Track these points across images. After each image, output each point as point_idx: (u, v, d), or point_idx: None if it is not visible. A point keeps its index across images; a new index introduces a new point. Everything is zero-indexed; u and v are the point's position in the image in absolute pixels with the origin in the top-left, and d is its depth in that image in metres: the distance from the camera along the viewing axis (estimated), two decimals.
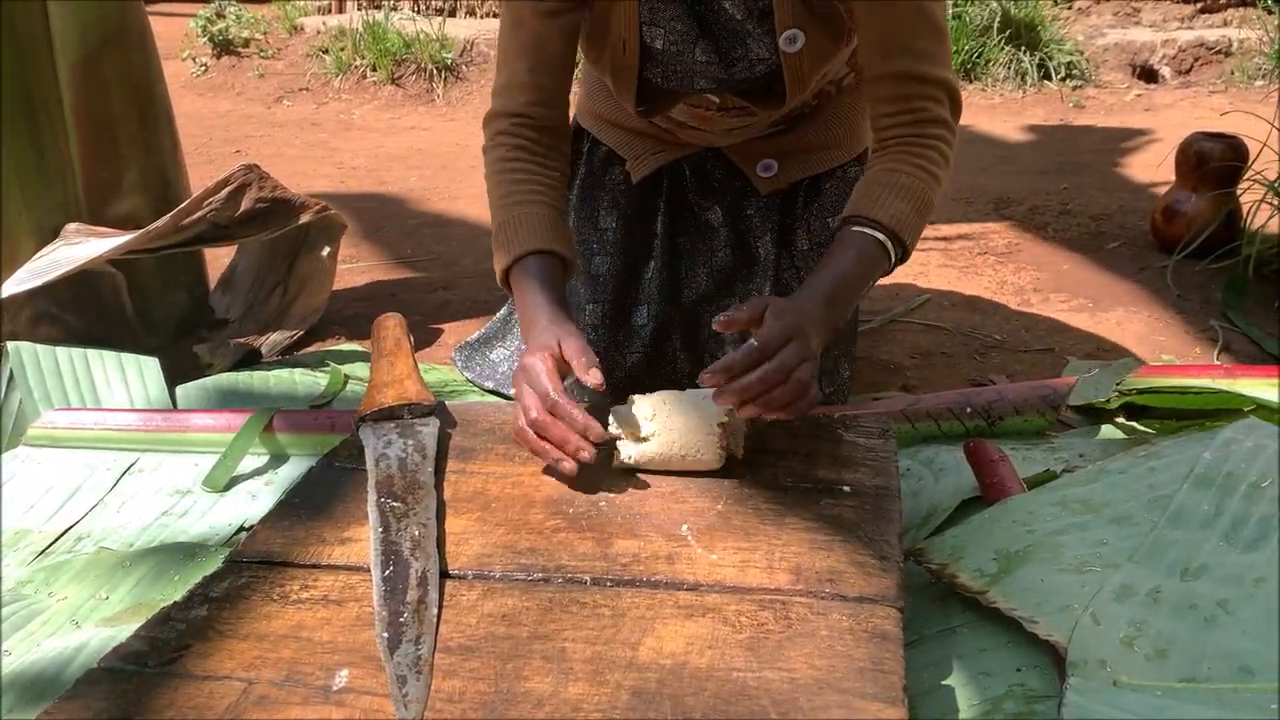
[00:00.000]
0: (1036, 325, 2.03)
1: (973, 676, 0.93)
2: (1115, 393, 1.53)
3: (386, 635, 0.84)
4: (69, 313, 1.79)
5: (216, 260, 2.18)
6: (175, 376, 1.64)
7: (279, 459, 1.43)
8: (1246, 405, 1.31)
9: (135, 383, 1.59)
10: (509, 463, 1.13)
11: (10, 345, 1.59)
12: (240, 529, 1.28)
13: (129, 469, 1.42)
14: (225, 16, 5.23)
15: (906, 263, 1.24)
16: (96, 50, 1.78)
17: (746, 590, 0.90)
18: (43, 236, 1.75)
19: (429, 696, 0.78)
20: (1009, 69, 4.60)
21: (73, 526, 1.30)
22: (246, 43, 5.21)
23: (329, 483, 1.12)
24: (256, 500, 1.34)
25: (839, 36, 1.27)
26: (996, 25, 4.59)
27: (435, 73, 4.73)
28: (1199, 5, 5.24)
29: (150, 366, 1.61)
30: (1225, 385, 1.45)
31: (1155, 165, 3.08)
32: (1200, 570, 0.97)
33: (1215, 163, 2.32)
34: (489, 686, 0.79)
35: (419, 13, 5.31)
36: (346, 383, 1.69)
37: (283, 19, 5.34)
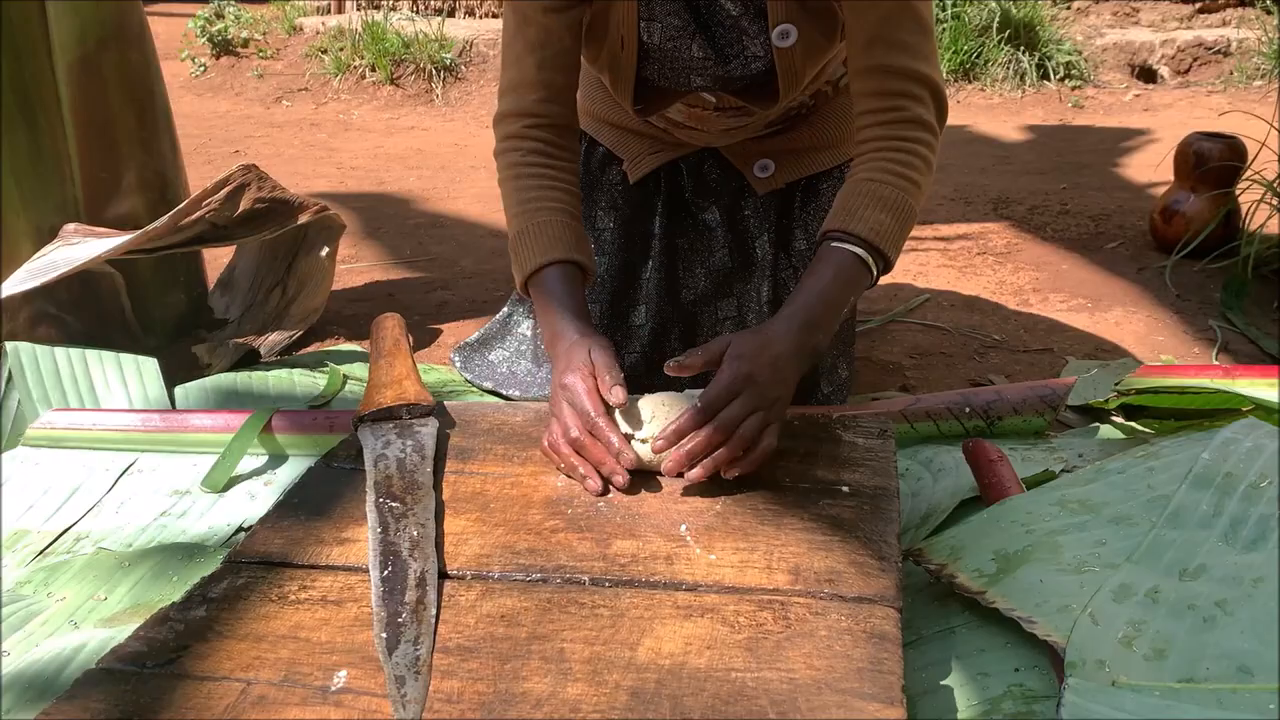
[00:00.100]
0: (1035, 325, 2.03)
1: (971, 677, 0.93)
2: (1114, 393, 1.53)
3: (385, 636, 0.84)
4: (68, 313, 1.79)
5: (215, 260, 2.18)
6: (174, 377, 1.64)
7: (278, 459, 1.43)
8: (1245, 405, 1.31)
9: (134, 383, 1.59)
10: (508, 463, 1.13)
11: (9, 346, 1.59)
12: (239, 529, 1.28)
13: (128, 469, 1.42)
14: (224, 17, 5.23)
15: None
16: (95, 50, 1.77)
17: (745, 590, 0.90)
18: (41, 237, 1.75)
19: (427, 697, 0.78)
20: (1008, 69, 4.60)
21: (71, 527, 1.30)
22: (245, 43, 5.21)
23: (328, 483, 1.12)
24: (255, 501, 1.34)
25: (832, 33, 1.27)
26: (995, 25, 4.59)
27: (434, 73, 4.73)
28: (1198, 5, 5.24)
29: (149, 367, 1.61)
30: (1224, 385, 1.45)
31: (1154, 165, 3.08)
32: (1199, 570, 0.97)
33: (1214, 163, 2.32)
34: (487, 687, 0.79)
35: (418, 13, 5.31)
36: (345, 383, 1.69)
37: (282, 19, 5.34)
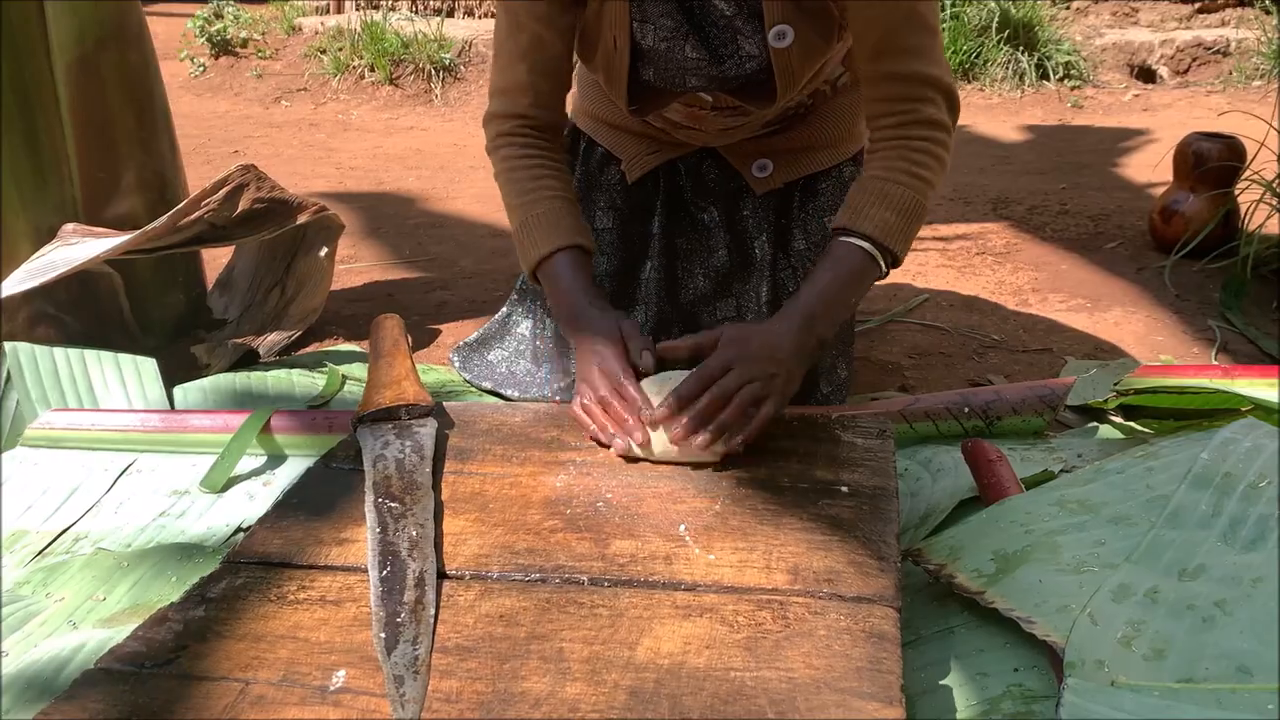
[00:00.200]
0: (1034, 325, 2.03)
1: (970, 677, 0.93)
2: (1113, 393, 1.53)
3: (384, 636, 0.84)
4: (66, 313, 1.79)
5: (214, 261, 2.18)
6: (173, 377, 1.64)
7: (277, 460, 1.43)
8: (1244, 405, 1.31)
9: (133, 383, 1.59)
10: (507, 463, 1.13)
11: (8, 346, 1.58)
12: (238, 530, 1.28)
13: (126, 470, 1.42)
14: (223, 17, 5.23)
15: (900, 266, 1.25)
16: (93, 50, 1.77)
17: (744, 590, 0.90)
18: (40, 237, 1.75)
19: (426, 696, 0.78)
20: (1007, 69, 4.60)
21: (70, 527, 1.30)
22: (244, 43, 5.21)
23: (326, 483, 1.12)
24: (254, 501, 1.34)
25: (829, 34, 1.27)
26: (995, 25, 4.59)
27: (433, 73, 4.73)
28: (1197, 5, 5.24)
29: (148, 367, 1.61)
30: (1223, 385, 1.45)
31: (1153, 165, 3.08)
32: (1198, 570, 0.97)
33: (1213, 163, 2.32)
34: (486, 687, 0.79)
35: (417, 13, 5.31)
36: (344, 383, 1.69)
37: (281, 19, 5.34)
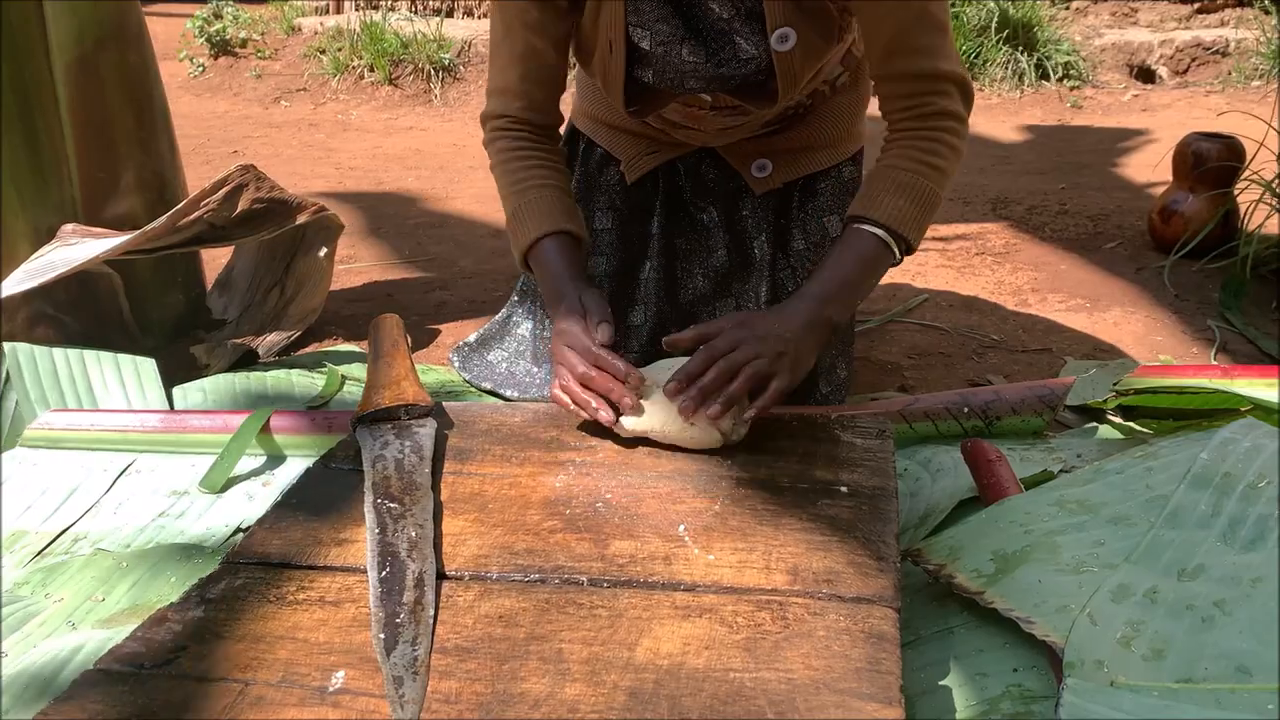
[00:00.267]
0: (1034, 325, 2.03)
1: (970, 677, 0.93)
2: (1112, 393, 1.53)
3: (383, 636, 0.84)
4: (66, 314, 1.79)
5: (213, 261, 2.18)
6: (172, 377, 1.64)
7: (276, 460, 1.43)
8: (1244, 405, 1.31)
9: (132, 384, 1.59)
10: (506, 464, 1.13)
11: (7, 346, 1.58)
12: (237, 530, 1.28)
13: (126, 470, 1.42)
14: (222, 17, 5.23)
15: (907, 259, 1.27)
16: (93, 50, 1.77)
17: (743, 591, 0.90)
18: (39, 238, 1.75)
19: (425, 697, 0.78)
20: (1006, 69, 4.60)
21: (69, 527, 1.30)
22: (244, 43, 5.21)
23: (326, 484, 1.12)
24: (253, 501, 1.34)
25: (829, 34, 1.27)
26: (994, 25, 4.60)
27: (433, 73, 4.73)
28: (1196, 6, 5.24)
29: (147, 367, 1.61)
30: (1222, 385, 1.45)
31: (1153, 165, 3.08)
32: (1197, 570, 0.97)
33: (1212, 163, 2.32)
34: (486, 687, 0.79)
35: (416, 13, 5.31)
36: (344, 384, 1.69)
37: (280, 19, 5.34)
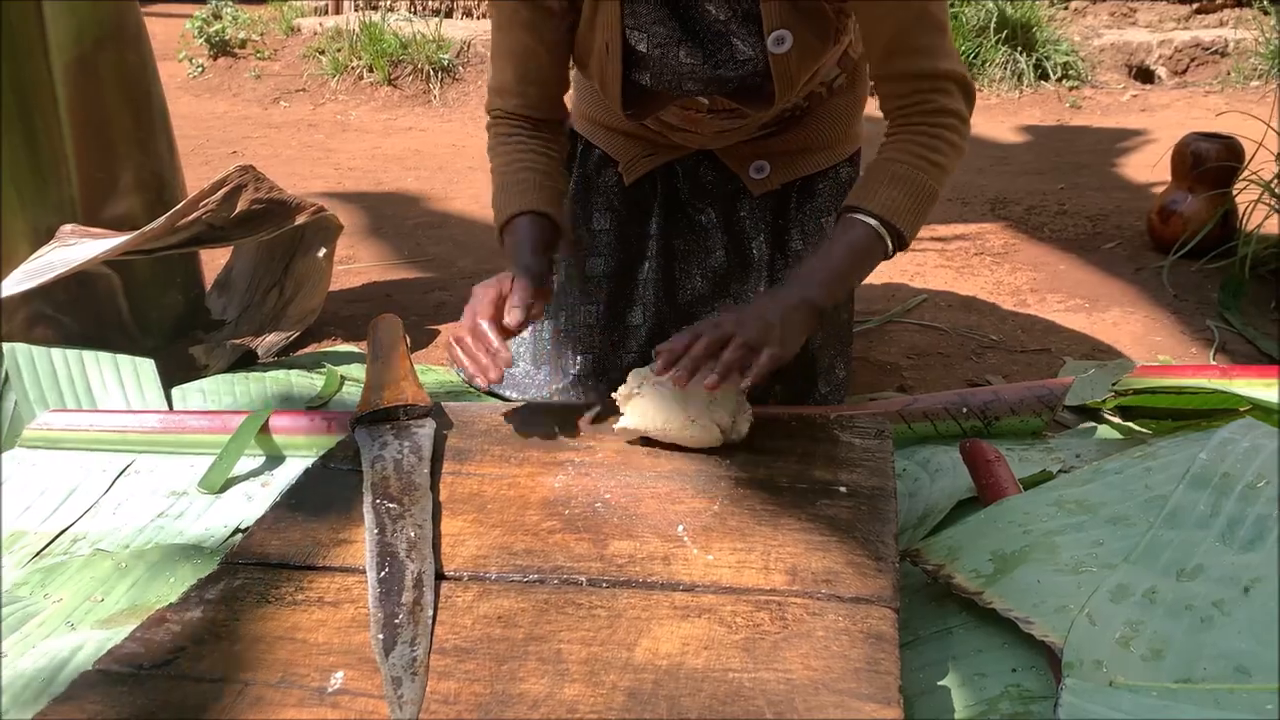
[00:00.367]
0: (1033, 325, 2.03)
1: (969, 677, 0.93)
2: (1111, 393, 1.53)
3: (381, 637, 0.84)
4: (65, 314, 1.78)
5: (212, 261, 2.17)
6: (171, 378, 1.64)
7: (275, 460, 1.43)
8: (1242, 405, 1.31)
9: (131, 384, 1.59)
10: (505, 464, 1.13)
11: (6, 347, 1.58)
12: (236, 531, 1.28)
13: (125, 470, 1.42)
14: (222, 17, 5.23)
15: (906, 251, 1.28)
16: (91, 50, 1.77)
17: (742, 591, 0.90)
18: (38, 238, 1.75)
19: (424, 698, 0.78)
20: (1005, 69, 4.60)
21: (68, 528, 1.30)
22: (243, 44, 5.21)
23: (325, 484, 1.12)
24: (252, 502, 1.34)
25: (825, 36, 1.27)
26: (993, 26, 4.59)
27: (432, 74, 4.73)
28: (1195, 6, 5.25)
29: (146, 368, 1.61)
30: (1221, 385, 1.45)
31: (1151, 165, 3.08)
32: (1196, 571, 0.97)
33: (1211, 163, 2.32)
34: (484, 688, 0.79)
35: (415, 13, 5.31)
36: (343, 384, 1.69)
37: (279, 20, 5.33)
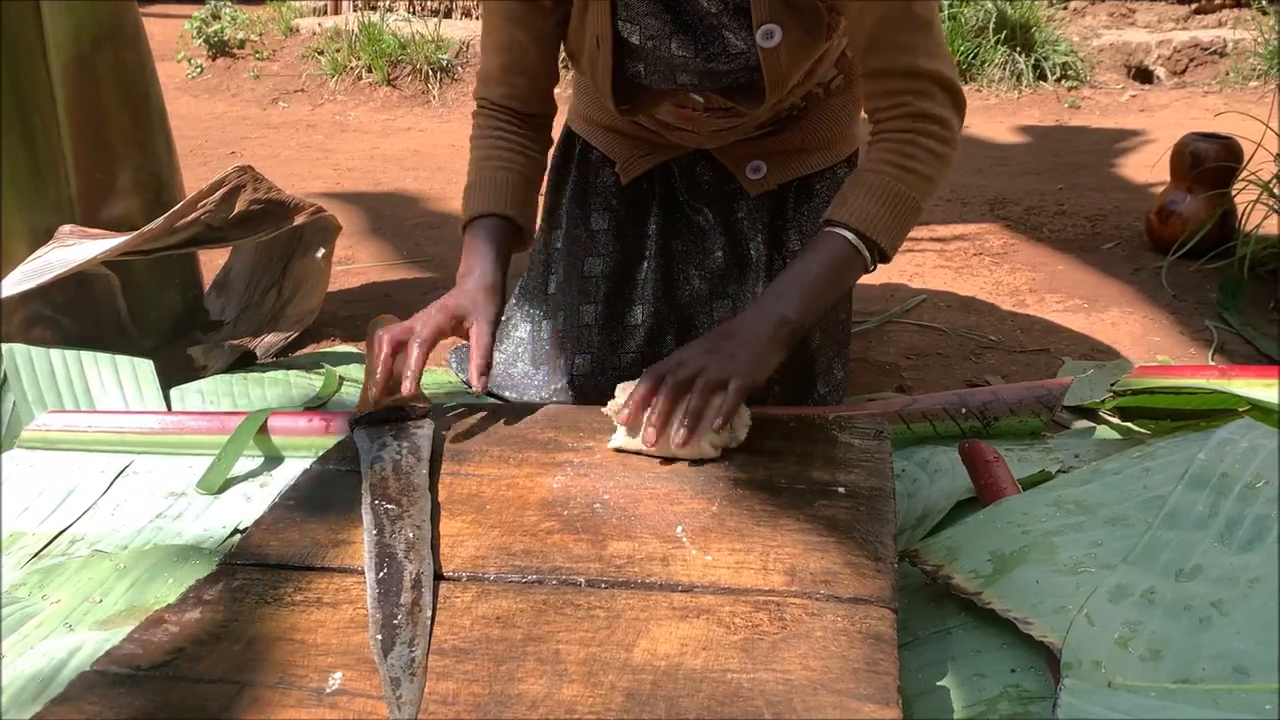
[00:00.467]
0: (1032, 326, 2.04)
1: (968, 677, 0.93)
2: (1110, 393, 1.53)
3: (380, 638, 0.84)
4: (63, 315, 1.78)
5: (211, 262, 2.17)
6: (170, 379, 1.64)
7: (274, 461, 1.43)
8: (1241, 405, 1.31)
9: (129, 385, 1.59)
10: (504, 465, 1.13)
11: (4, 347, 1.58)
12: (235, 531, 1.28)
13: (123, 471, 1.42)
14: (220, 18, 5.23)
15: (889, 263, 1.25)
16: (90, 50, 1.77)
17: (741, 591, 0.90)
18: (36, 239, 1.75)
19: (423, 698, 0.78)
20: (1004, 70, 4.60)
21: (67, 529, 1.30)
22: (242, 44, 5.21)
23: (324, 485, 1.11)
24: (251, 503, 1.34)
25: (817, 32, 1.27)
26: (992, 26, 4.60)
27: (431, 74, 4.73)
28: (1194, 6, 5.25)
29: (145, 369, 1.60)
30: (1220, 385, 1.45)
31: (1150, 166, 3.08)
32: (1195, 571, 0.97)
33: (1210, 163, 2.32)
34: (483, 688, 0.79)
35: (414, 14, 5.31)
36: (341, 384, 1.69)
37: (278, 20, 5.34)
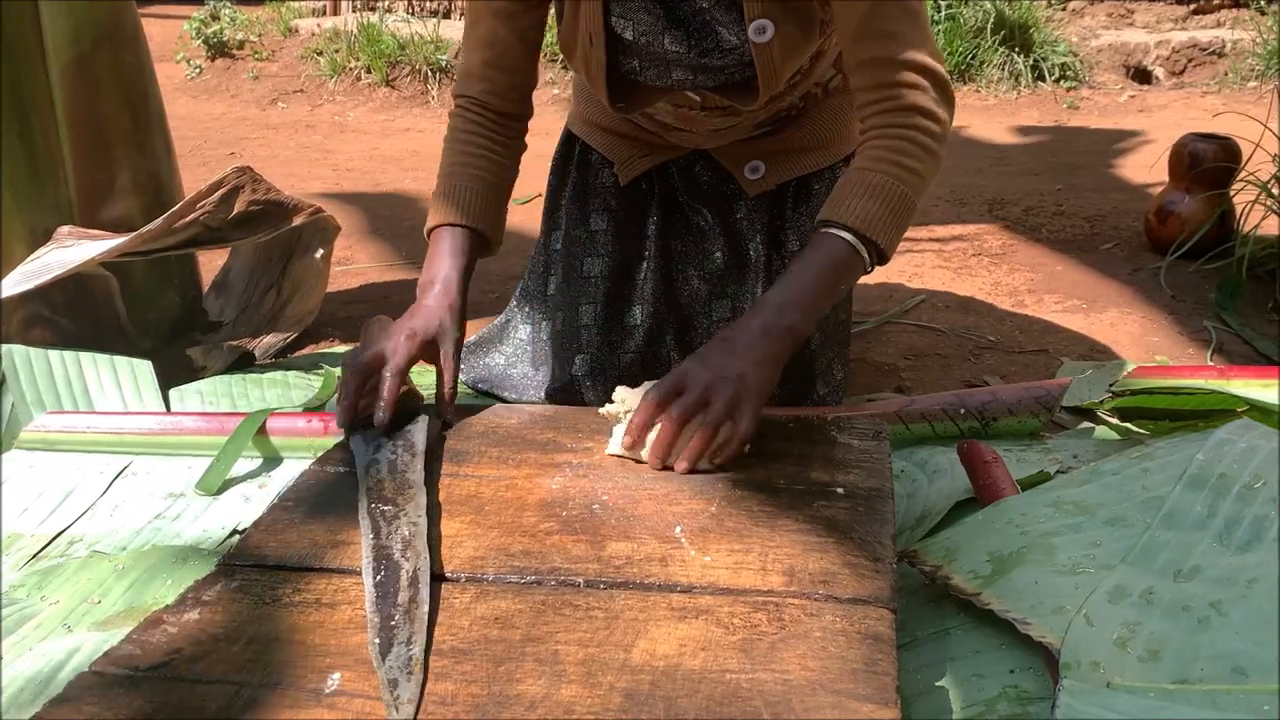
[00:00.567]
0: (1030, 326, 2.04)
1: (966, 678, 0.93)
2: (1109, 394, 1.53)
3: (378, 641, 0.84)
4: (62, 316, 1.78)
5: (210, 263, 2.17)
6: (168, 379, 1.64)
7: (272, 462, 1.43)
8: (1240, 406, 1.31)
9: (128, 386, 1.59)
10: (503, 465, 1.13)
11: (4, 349, 1.58)
12: (233, 532, 1.28)
13: (122, 472, 1.42)
14: (219, 18, 5.22)
15: (887, 263, 1.23)
16: (89, 51, 1.77)
17: (740, 592, 0.90)
18: (35, 240, 1.75)
19: (422, 699, 0.78)
20: (1003, 70, 4.60)
21: (65, 530, 1.30)
22: (241, 45, 5.21)
23: (322, 486, 1.11)
24: (250, 503, 1.34)
25: (809, 27, 1.27)
26: (990, 27, 4.60)
27: (430, 74, 4.73)
28: (1192, 6, 5.25)
29: (143, 369, 1.60)
30: (1219, 386, 1.45)
31: (1149, 166, 3.08)
32: (1193, 571, 0.97)
33: (1209, 164, 2.32)
34: (482, 689, 0.79)
35: (413, 14, 5.31)
36: None
37: (277, 21, 5.33)
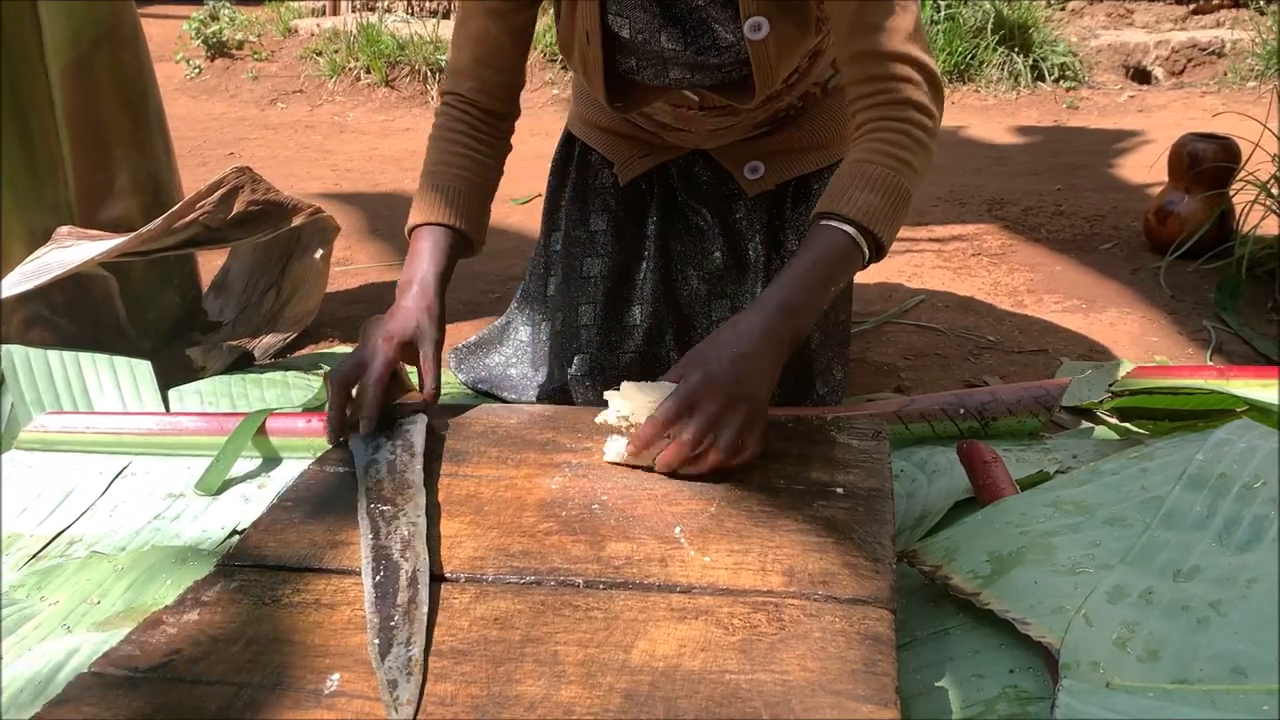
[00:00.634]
0: (1030, 326, 2.04)
1: (966, 678, 0.93)
2: (1108, 393, 1.53)
3: (378, 642, 0.84)
4: (61, 316, 1.78)
5: (209, 263, 2.17)
6: (168, 380, 1.64)
7: (272, 462, 1.43)
8: (1239, 406, 1.31)
9: (127, 386, 1.59)
10: (502, 466, 1.13)
11: (3, 349, 1.58)
12: (232, 533, 1.28)
13: (121, 472, 1.42)
14: (219, 18, 5.23)
15: (883, 258, 1.21)
16: (88, 52, 1.77)
17: (739, 592, 0.90)
18: (35, 240, 1.75)
19: (421, 699, 0.78)
20: (1002, 70, 4.60)
21: (65, 530, 1.30)
22: (240, 45, 5.21)
23: (321, 486, 1.11)
24: (249, 504, 1.34)
25: (805, 25, 1.27)
26: (990, 27, 4.60)
27: (429, 75, 4.73)
28: (1192, 6, 5.25)
29: (143, 370, 1.60)
30: (1218, 386, 1.45)
31: (1148, 166, 3.08)
32: (1193, 571, 0.97)
33: (1208, 164, 2.32)
34: (481, 690, 0.79)
35: (413, 15, 5.31)
36: None
37: (277, 21, 5.33)
